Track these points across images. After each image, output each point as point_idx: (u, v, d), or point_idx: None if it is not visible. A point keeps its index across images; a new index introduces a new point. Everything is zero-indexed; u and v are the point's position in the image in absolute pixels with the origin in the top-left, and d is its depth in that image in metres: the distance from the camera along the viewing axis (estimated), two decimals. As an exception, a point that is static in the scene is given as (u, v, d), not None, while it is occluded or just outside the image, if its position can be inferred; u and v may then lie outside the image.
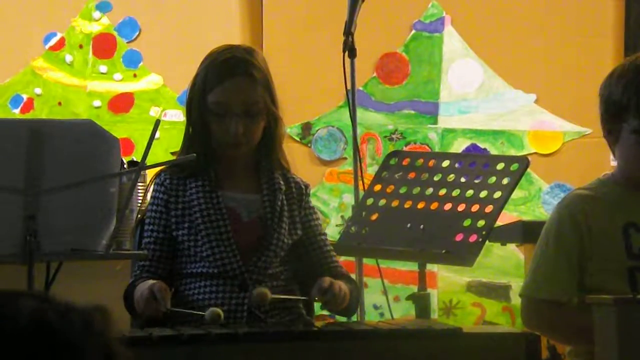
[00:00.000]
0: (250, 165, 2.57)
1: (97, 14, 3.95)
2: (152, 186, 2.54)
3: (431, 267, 3.75)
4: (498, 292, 3.93)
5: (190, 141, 2.56)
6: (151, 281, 2.37)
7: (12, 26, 3.92)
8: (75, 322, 0.98)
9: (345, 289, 2.42)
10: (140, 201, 2.50)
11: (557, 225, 2.35)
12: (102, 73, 3.95)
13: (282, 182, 2.56)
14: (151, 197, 2.55)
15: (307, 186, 2.61)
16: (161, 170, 2.57)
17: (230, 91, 2.48)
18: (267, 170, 2.56)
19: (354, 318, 2.84)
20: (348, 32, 2.86)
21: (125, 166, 2.46)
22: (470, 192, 2.53)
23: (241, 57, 2.51)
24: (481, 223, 2.47)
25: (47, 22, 3.93)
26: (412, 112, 4.00)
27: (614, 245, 2.32)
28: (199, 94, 2.52)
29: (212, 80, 2.50)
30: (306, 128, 3.97)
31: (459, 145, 3.98)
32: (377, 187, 2.65)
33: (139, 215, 2.52)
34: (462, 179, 2.57)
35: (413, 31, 4.01)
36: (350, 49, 2.87)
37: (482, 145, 3.99)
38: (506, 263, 3.92)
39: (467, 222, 2.48)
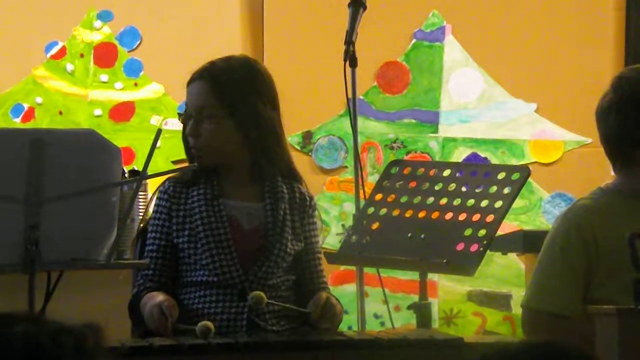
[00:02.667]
0: (254, 173, 2.57)
1: (98, 23, 3.96)
2: (156, 194, 2.54)
3: (432, 277, 3.74)
4: (499, 301, 3.92)
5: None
6: (161, 297, 2.37)
7: (14, 35, 3.92)
8: (66, 344, 1.00)
9: (340, 308, 2.43)
10: (141, 211, 2.50)
11: (563, 237, 2.34)
12: (103, 82, 3.95)
13: (285, 191, 2.56)
14: (155, 205, 2.55)
15: (311, 198, 2.61)
16: (165, 179, 2.57)
17: (188, 95, 2.53)
18: (271, 178, 2.56)
19: (355, 327, 2.83)
20: (349, 41, 2.86)
21: (126, 175, 2.45)
22: (471, 202, 2.53)
23: (212, 62, 2.53)
24: (482, 232, 2.47)
25: (49, 31, 3.93)
26: (413, 121, 4.00)
27: (620, 257, 2.31)
28: None
29: None
30: (307, 137, 3.97)
31: (460, 155, 3.98)
32: (378, 196, 2.65)
33: (141, 225, 2.52)
34: (463, 188, 2.57)
35: (414, 40, 4.01)
36: (351, 58, 2.87)
37: (482, 155, 3.99)
38: (507, 272, 3.92)
39: (468, 232, 2.48)
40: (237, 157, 2.52)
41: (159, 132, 2.16)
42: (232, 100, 2.49)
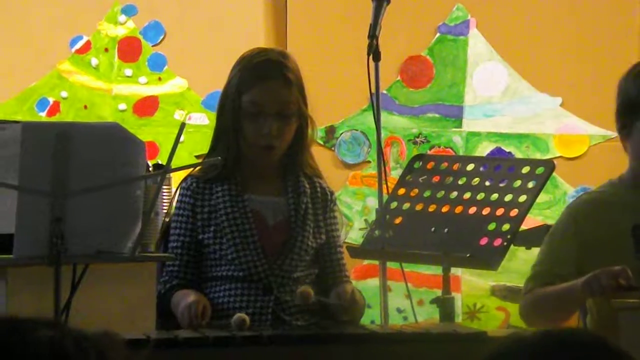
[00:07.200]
0: (276, 167, 2.58)
1: (122, 18, 3.98)
2: (179, 190, 2.55)
3: (455, 271, 3.74)
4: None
5: (218, 144, 2.57)
6: (192, 297, 2.38)
7: (39, 29, 3.94)
8: (89, 351, 1.00)
9: (363, 302, 2.43)
10: (165, 204, 2.51)
11: (559, 228, 2.38)
12: (128, 76, 3.97)
13: (307, 186, 2.57)
14: (177, 201, 2.56)
15: (332, 193, 2.62)
16: (188, 175, 2.58)
17: (266, 92, 2.51)
18: (293, 173, 2.57)
19: (378, 322, 2.83)
20: (372, 35, 2.86)
21: (150, 169, 2.46)
22: (495, 196, 2.53)
23: (276, 60, 2.53)
24: (506, 227, 2.46)
25: (73, 26, 3.95)
26: (437, 115, 3.99)
27: (622, 248, 2.31)
28: (233, 96, 2.53)
29: (247, 81, 2.52)
30: (330, 131, 3.97)
31: (484, 149, 3.97)
32: (401, 191, 2.65)
33: (167, 219, 2.53)
34: (487, 183, 2.57)
35: (438, 34, 4.00)
36: (374, 52, 2.87)
37: (507, 149, 3.97)
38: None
39: (491, 226, 2.48)
40: (280, 155, 2.54)
41: (183, 126, 2.17)
42: (300, 98, 2.52)
